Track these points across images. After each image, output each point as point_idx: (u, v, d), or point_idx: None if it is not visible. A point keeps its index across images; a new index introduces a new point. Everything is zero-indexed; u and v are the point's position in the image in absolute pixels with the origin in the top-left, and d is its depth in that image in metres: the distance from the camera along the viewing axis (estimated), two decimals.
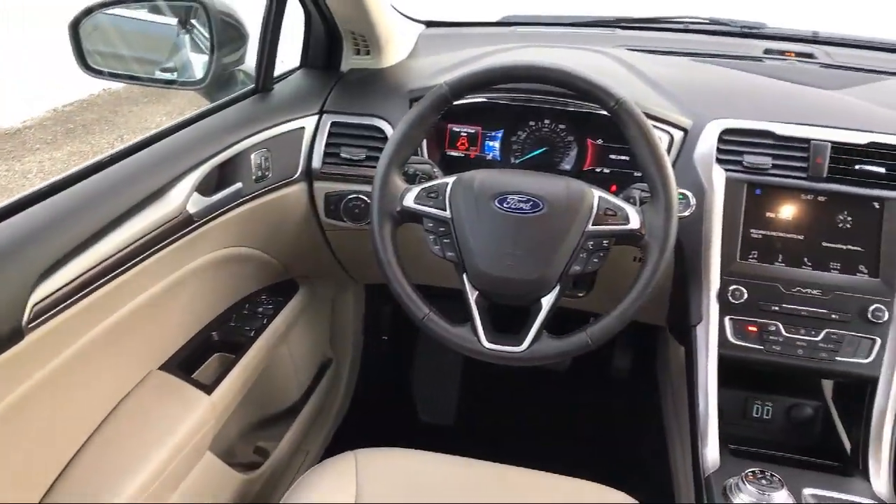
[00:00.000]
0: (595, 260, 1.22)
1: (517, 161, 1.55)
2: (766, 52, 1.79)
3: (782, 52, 1.78)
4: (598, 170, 1.53)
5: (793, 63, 1.74)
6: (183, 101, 5.95)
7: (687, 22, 1.95)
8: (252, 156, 1.40)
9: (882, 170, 1.34)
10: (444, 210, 1.25)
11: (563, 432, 2.18)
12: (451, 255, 1.25)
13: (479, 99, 1.48)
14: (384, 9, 1.57)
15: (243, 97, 1.50)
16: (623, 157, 1.48)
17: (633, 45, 1.78)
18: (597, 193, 1.24)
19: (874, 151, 1.36)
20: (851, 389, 1.37)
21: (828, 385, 1.54)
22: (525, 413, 2.25)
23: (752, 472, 1.18)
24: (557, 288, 1.23)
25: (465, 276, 1.25)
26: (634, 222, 1.22)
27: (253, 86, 1.53)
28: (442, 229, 1.25)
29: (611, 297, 1.26)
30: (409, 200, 1.26)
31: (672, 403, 1.86)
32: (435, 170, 1.37)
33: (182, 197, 1.23)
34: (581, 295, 1.56)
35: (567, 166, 1.54)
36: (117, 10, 1.53)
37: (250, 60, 1.56)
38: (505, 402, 2.27)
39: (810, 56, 1.77)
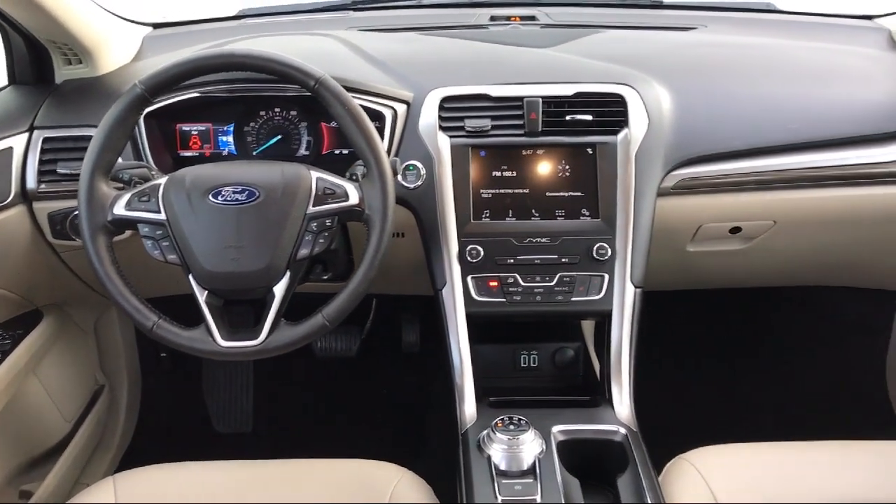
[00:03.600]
0: (321, 241, 1.22)
1: (254, 153, 1.53)
2: (492, 18, 1.85)
3: (507, 18, 1.85)
4: (336, 152, 1.53)
5: (516, 27, 1.81)
6: None
7: None
8: None
9: (590, 117, 1.42)
10: (159, 212, 1.20)
11: (360, 417, 2.19)
12: (172, 257, 1.21)
13: (192, 94, 1.43)
14: (84, 16, 1.47)
15: None
16: None
17: (364, 26, 1.80)
18: (315, 174, 1.23)
19: (581, 101, 1.44)
20: (601, 327, 1.45)
21: (588, 327, 1.63)
22: (323, 406, 2.24)
23: (501, 419, 1.22)
24: (288, 274, 1.21)
25: (190, 276, 1.21)
26: (353, 198, 1.22)
27: None
28: (159, 232, 1.20)
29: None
30: (119, 208, 1.21)
31: None
32: (153, 172, 1.32)
33: None
34: (326, 278, 1.56)
35: (305, 152, 1.53)
36: None
37: None
38: (302, 399, 2.25)
39: (532, 18, 1.85)
